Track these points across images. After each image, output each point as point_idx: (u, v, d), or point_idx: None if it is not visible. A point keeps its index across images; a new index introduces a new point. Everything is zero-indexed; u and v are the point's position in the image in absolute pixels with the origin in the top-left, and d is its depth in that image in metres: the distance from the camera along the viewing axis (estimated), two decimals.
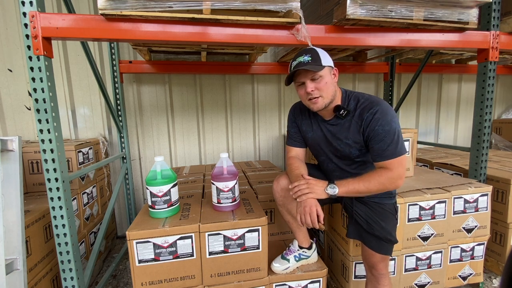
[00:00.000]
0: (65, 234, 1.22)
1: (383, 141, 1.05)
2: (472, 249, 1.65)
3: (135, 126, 2.50)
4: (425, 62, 2.45)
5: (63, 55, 2.25)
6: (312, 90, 1.08)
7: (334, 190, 1.08)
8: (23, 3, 1.09)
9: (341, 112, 1.13)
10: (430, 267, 1.58)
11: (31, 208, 1.48)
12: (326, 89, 1.09)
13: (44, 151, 1.16)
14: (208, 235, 1.24)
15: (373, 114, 1.06)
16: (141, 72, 2.35)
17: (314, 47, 1.14)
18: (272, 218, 1.64)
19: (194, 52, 2.21)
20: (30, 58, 1.11)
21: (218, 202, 1.36)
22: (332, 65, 1.12)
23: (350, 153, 1.18)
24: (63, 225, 1.22)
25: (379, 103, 1.09)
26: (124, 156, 2.31)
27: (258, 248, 1.29)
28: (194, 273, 1.26)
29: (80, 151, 1.89)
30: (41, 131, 1.15)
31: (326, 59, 1.09)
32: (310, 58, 1.06)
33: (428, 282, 1.60)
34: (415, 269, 1.56)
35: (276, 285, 1.35)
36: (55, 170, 1.17)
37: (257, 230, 1.27)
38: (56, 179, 1.18)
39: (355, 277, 1.50)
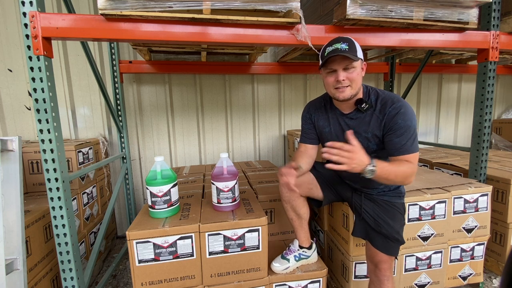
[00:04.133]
0: (65, 234, 1.22)
1: (404, 135, 1.06)
2: (472, 249, 1.65)
3: (135, 126, 2.50)
4: (425, 62, 2.45)
5: (63, 55, 2.25)
6: (343, 79, 1.06)
7: (372, 173, 0.98)
8: (23, 3, 1.09)
9: (362, 106, 1.13)
10: (430, 267, 1.58)
11: (31, 208, 1.48)
12: (356, 80, 1.08)
13: (44, 151, 1.16)
14: (208, 235, 1.24)
15: (397, 109, 1.07)
16: (141, 72, 2.35)
17: (348, 37, 1.10)
18: (272, 218, 1.64)
19: (194, 52, 2.21)
20: (30, 58, 1.11)
21: (218, 202, 1.36)
22: (363, 59, 1.11)
23: (367, 147, 1.15)
24: (63, 225, 1.22)
25: (400, 99, 1.10)
26: (124, 156, 2.31)
27: (258, 248, 1.29)
28: (194, 273, 1.26)
29: (80, 151, 1.89)
30: (41, 131, 1.15)
31: (360, 52, 1.08)
32: (348, 47, 1.03)
33: (428, 282, 1.60)
34: (415, 269, 1.56)
35: (276, 285, 1.35)
36: (55, 170, 1.17)
37: (257, 230, 1.27)
38: (56, 179, 1.18)
39: (355, 277, 1.50)
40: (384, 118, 1.10)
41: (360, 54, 1.07)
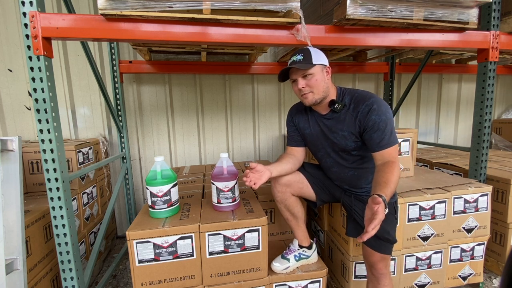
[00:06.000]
0: (65, 234, 1.22)
1: (380, 130, 1.09)
2: (472, 249, 1.65)
3: (135, 126, 2.50)
4: (425, 62, 2.45)
5: (63, 55, 2.25)
6: (303, 87, 1.15)
7: (387, 209, 0.93)
8: (23, 3, 1.09)
9: (335, 106, 1.18)
10: (430, 267, 1.58)
11: (31, 208, 1.48)
12: (316, 86, 1.14)
13: (44, 151, 1.16)
14: (208, 235, 1.24)
15: (369, 106, 1.11)
16: (141, 72, 2.35)
17: (309, 47, 1.19)
18: (272, 218, 1.64)
19: (194, 52, 2.21)
20: (30, 58, 1.11)
21: (218, 202, 1.36)
22: (325, 63, 1.18)
23: (346, 145, 1.21)
24: (63, 225, 1.22)
25: (373, 96, 1.15)
26: (124, 156, 2.31)
27: (258, 248, 1.29)
28: (194, 273, 1.26)
29: (80, 151, 1.89)
30: (41, 131, 1.15)
31: (319, 58, 1.14)
32: (302, 57, 1.12)
33: (428, 282, 1.60)
34: (415, 269, 1.56)
35: (276, 285, 1.35)
36: (55, 170, 1.17)
37: (257, 230, 1.27)
38: (56, 179, 1.18)
39: (355, 277, 1.50)
40: (358, 116, 1.14)
41: (317, 60, 1.13)
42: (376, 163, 1.12)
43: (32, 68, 1.11)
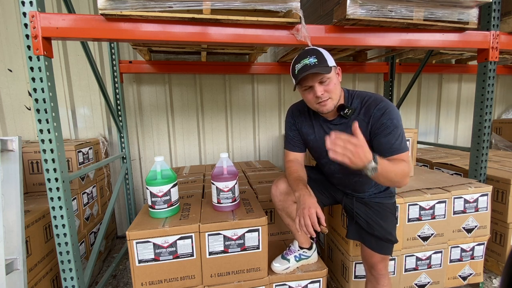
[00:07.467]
0: (65, 234, 1.22)
1: (392, 134, 1.02)
2: (472, 249, 1.65)
3: (135, 126, 2.50)
4: (425, 62, 2.45)
5: (63, 55, 2.25)
6: (322, 94, 1.03)
7: (374, 171, 0.89)
8: (23, 3, 1.09)
9: (345, 111, 1.10)
10: (430, 267, 1.58)
11: (31, 208, 1.48)
12: (335, 90, 1.05)
13: (44, 151, 1.16)
14: (208, 235, 1.24)
15: (381, 110, 1.04)
16: (141, 72, 2.35)
17: (316, 47, 1.09)
18: (272, 218, 1.64)
19: (194, 52, 2.21)
20: (30, 58, 1.11)
21: (218, 202, 1.36)
22: (335, 64, 1.09)
23: None
24: (63, 225, 1.22)
25: (384, 99, 1.08)
26: (124, 156, 2.31)
27: (258, 248, 1.29)
28: (194, 273, 1.26)
29: (80, 151, 1.89)
30: (41, 131, 1.15)
31: (330, 59, 1.05)
32: (316, 60, 1.01)
33: (428, 282, 1.60)
34: (415, 269, 1.56)
35: (276, 285, 1.35)
36: (55, 170, 1.17)
37: (257, 230, 1.27)
38: (56, 179, 1.18)
39: (355, 277, 1.50)
40: (370, 121, 1.07)
41: (331, 62, 1.04)
42: None
43: (32, 68, 1.11)
